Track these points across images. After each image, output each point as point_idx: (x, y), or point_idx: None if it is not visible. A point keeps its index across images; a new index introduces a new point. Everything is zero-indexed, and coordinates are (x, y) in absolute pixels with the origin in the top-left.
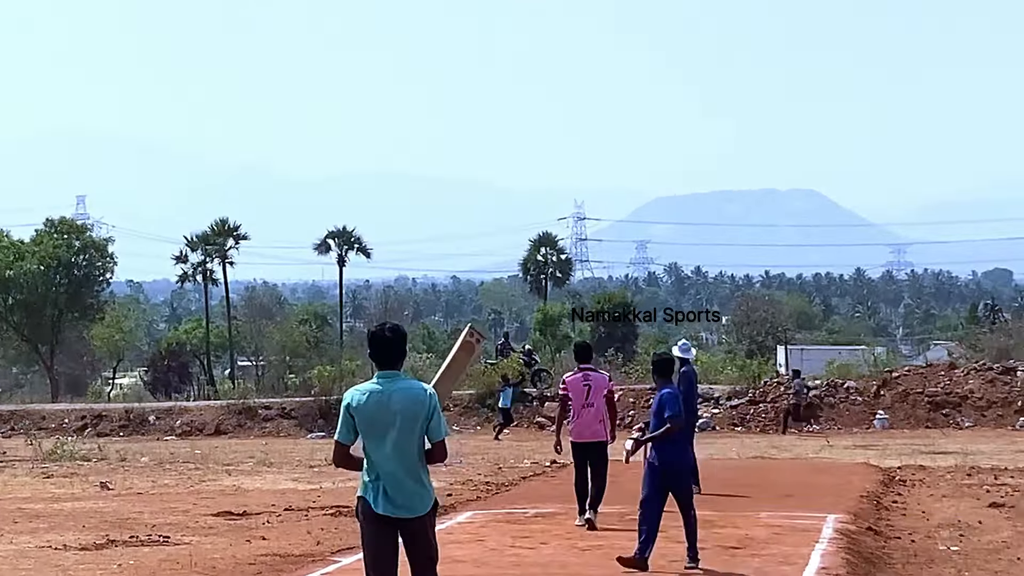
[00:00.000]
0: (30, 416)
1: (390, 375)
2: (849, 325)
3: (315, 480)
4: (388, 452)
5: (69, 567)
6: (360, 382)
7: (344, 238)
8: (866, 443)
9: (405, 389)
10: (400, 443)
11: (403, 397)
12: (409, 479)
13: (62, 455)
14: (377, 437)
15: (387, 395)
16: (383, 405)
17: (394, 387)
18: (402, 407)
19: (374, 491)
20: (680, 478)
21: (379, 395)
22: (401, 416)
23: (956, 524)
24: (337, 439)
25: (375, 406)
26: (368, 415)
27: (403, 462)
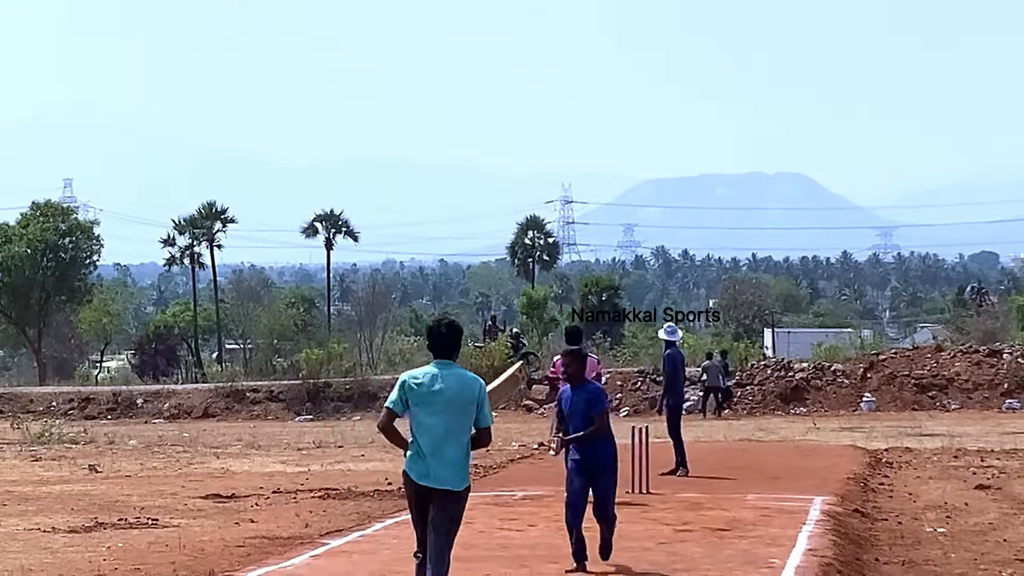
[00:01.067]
0: (17, 399)
1: (446, 363)
2: (836, 308)
3: (303, 463)
4: (436, 432)
5: (58, 550)
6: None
7: (332, 221)
8: (853, 425)
9: (458, 376)
10: (448, 425)
11: (456, 384)
12: (451, 459)
13: (50, 438)
14: (428, 417)
15: (441, 380)
16: (437, 389)
17: (448, 374)
18: (454, 393)
19: (417, 465)
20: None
21: (435, 378)
22: (452, 401)
23: (943, 506)
24: (388, 405)
25: (431, 387)
26: (422, 396)
27: (449, 443)
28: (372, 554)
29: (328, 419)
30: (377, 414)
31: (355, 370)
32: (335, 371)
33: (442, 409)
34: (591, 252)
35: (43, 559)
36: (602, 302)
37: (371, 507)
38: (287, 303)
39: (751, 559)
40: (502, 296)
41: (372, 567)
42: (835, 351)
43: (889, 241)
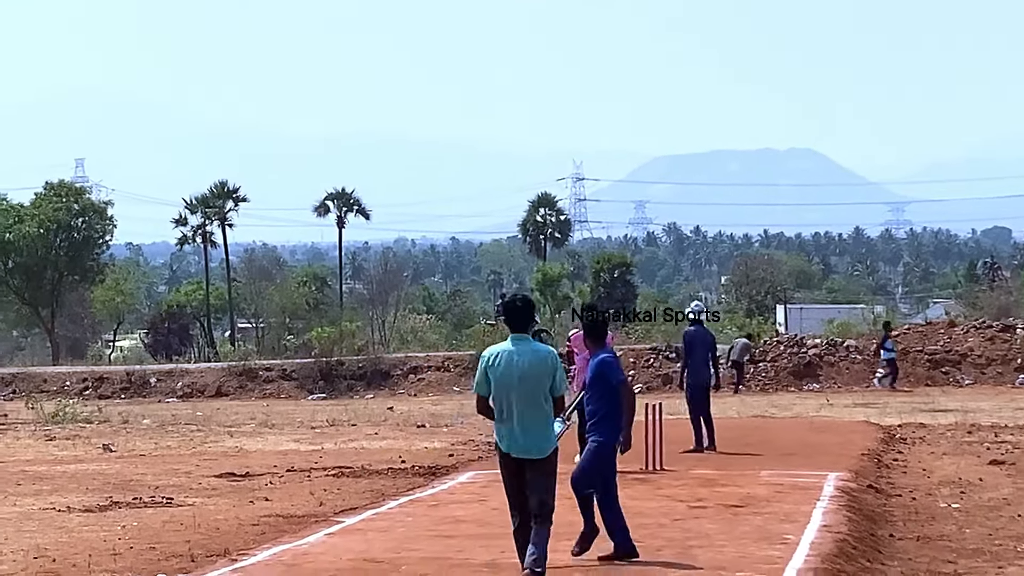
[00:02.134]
0: (31, 379)
1: (521, 338)
2: (848, 284)
3: (317, 441)
4: (519, 405)
5: (73, 528)
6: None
7: (343, 200)
8: (866, 401)
9: (534, 350)
10: (528, 395)
11: (531, 357)
12: (536, 428)
13: (64, 418)
14: (509, 389)
15: (518, 354)
16: (514, 363)
17: (524, 347)
18: (530, 365)
19: (506, 436)
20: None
21: (511, 354)
22: (529, 372)
23: (957, 481)
24: (477, 392)
25: (508, 363)
26: (502, 371)
27: (531, 413)
28: (386, 532)
29: (341, 397)
30: (390, 392)
31: (367, 348)
32: (347, 349)
33: (521, 383)
34: (603, 229)
35: (58, 538)
36: (614, 279)
37: (385, 485)
38: (299, 282)
39: (766, 535)
40: (514, 274)
41: (387, 545)
42: (848, 327)
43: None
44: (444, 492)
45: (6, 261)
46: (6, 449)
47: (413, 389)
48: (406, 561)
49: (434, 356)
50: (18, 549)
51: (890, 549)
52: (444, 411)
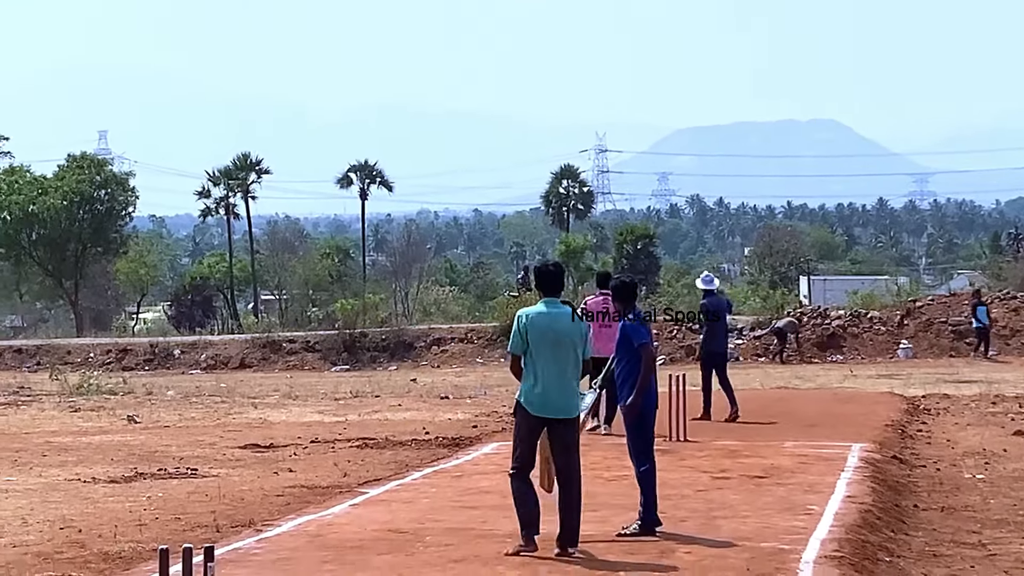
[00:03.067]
0: (56, 351)
1: (552, 301)
2: (872, 255)
3: (341, 413)
4: (549, 363)
5: (98, 499)
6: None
7: (366, 172)
8: (890, 372)
9: (566, 314)
10: (559, 356)
11: (565, 320)
12: (567, 389)
13: (88, 389)
14: (542, 350)
15: (552, 317)
16: (548, 325)
17: (557, 311)
18: (565, 327)
19: (532, 396)
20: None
21: (545, 316)
22: (562, 335)
23: (981, 452)
24: (512, 351)
25: (541, 325)
26: (536, 332)
27: (559, 372)
28: (411, 503)
29: (365, 369)
30: (413, 364)
31: (391, 320)
32: (371, 321)
33: (555, 344)
34: (626, 201)
35: (84, 509)
36: (637, 251)
37: (409, 456)
38: (322, 254)
39: (789, 506)
40: (536, 246)
41: (411, 515)
42: (871, 298)
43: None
44: (468, 463)
45: (30, 233)
46: (31, 420)
47: (436, 361)
48: (430, 532)
49: (457, 328)
50: (44, 520)
51: (914, 520)
52: (467, 383)
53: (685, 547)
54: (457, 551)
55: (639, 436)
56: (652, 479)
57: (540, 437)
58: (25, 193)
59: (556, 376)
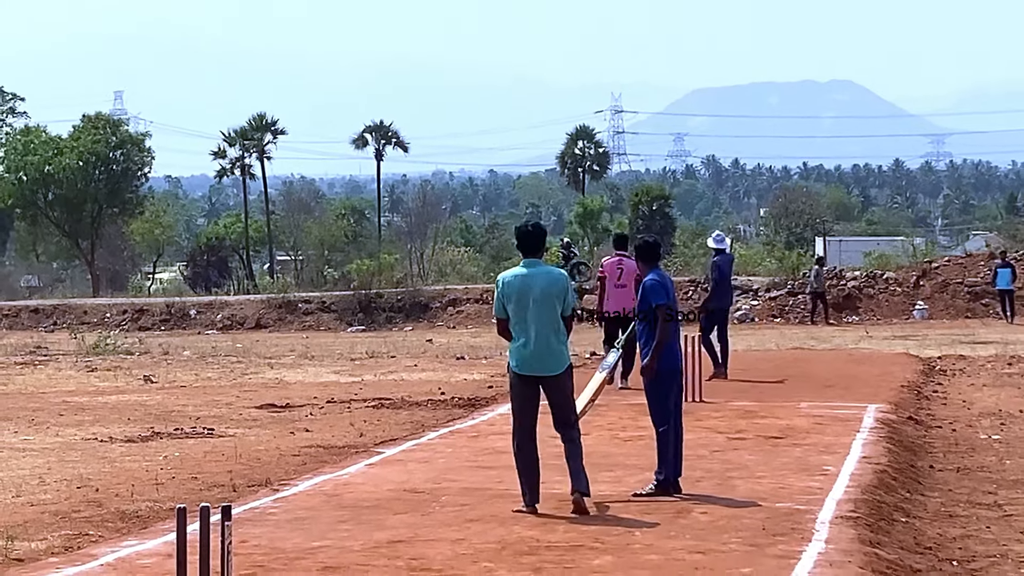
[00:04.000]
0: (72, 311)
1: (532, 262)
2: (888, 216)
3: (356, 373)
4: (532, 322)
5: (115, 459)
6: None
7: (381, 132)
8: (905, 333)
9: (545, 273)
10: (541, 315)
11: (543, 279)
12: (549, 344)
13: (105, 349)
14: (524, 310)
15: (531, 277)
16: (528, 285)
17: (536, 271)
18: (543, 286)
19: (521, 356)
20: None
21: (524, 277)
22: (542, 293)
23: (997, 413)
24: (496, 316)
25: (522, 285)
26: (516, 293)
27: (544, 330)
28: (427, 463)
29: (380, 330)
30: (429, 324)
31: (406, 281)
32: (386, 282)
33: (536, 304)
34: (641, 162)
35: (101, 468)
36: (653, 212)
37: (425, 416)
38: (338, 214)
39: (805, 466)
40: (552, 206)
41: (427, 475)
42: (887, 259)
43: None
44: (484, 423)
45: (46, 193)
46: (48, 380)
47: (452, 321)
48: (446, 492)
49: (472, 288)
50: (61, 479)
51: (930, 480)
52: (483, 343)
53: (701, 507)
54: (473, 511)
55: (656, 397)
56: (668, 441)
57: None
58: (41, 153)
59: (541, 335)
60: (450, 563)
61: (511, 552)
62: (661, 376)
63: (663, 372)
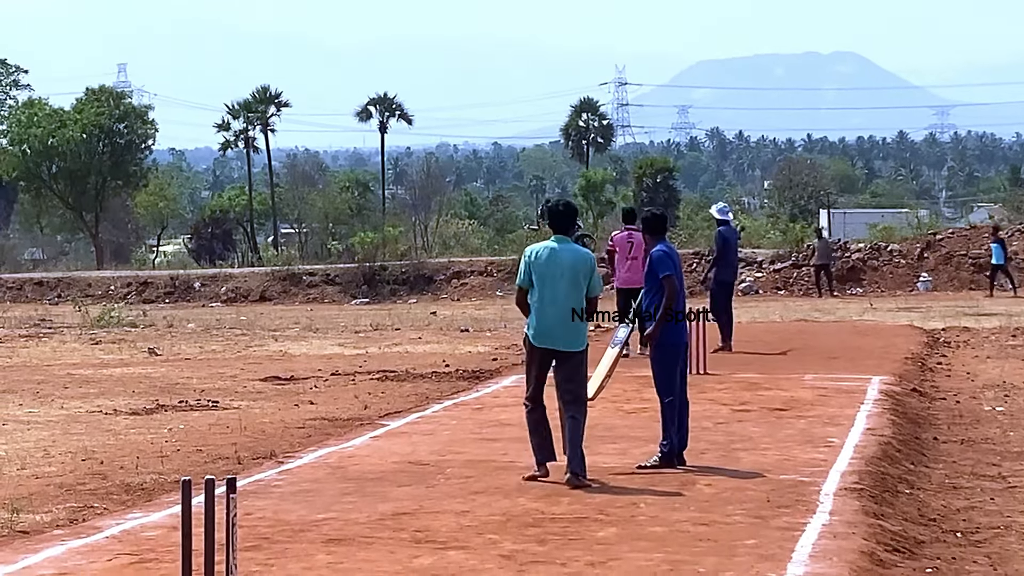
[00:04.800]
0: (76, 283)
1: (563, 239)
2: (892, 188)
3: (361, 345)
4: (556, 298)
5: (120, 431)
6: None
7: (385, 105)
8: (909, 305)
9: (574, 251)
10: (566, 292)
11: (571, 256)
12: (569, 321)
13: (109, 322)
14: (548, 285)
15: (559, 253)
16: (555, 261)
17: (565, 248)
18: (570, 264)
19: (539, 329)
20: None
21: (553, 252)
22: (569, 270)
23: (1001, 385)
24: (519, 284)
25: (549, 261)
26: (543, 267)
27: (566, 306)
28: (431, 435)
29: (384, 302)
30: (433, 297)
31: (410, 253)
32: (390, 255)
33: (561, 279)
34: (645, 134)
35: (105, 440)
36: (657, 184)
37: (429, 389)
38: (342, 187)
39: (809, 438)
40: (556, 179)
41: (432, 447)
42: (891, 231)
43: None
44: (488, 396)
45: (50, 166)
46: (52, 353)
47: (456, 294)
48: (451, 464)
49: (477, 261)
50: (66, 451)
51: (934, 452)
52: (487, 316)
53: (705, 479)
54: (478, 483)
55: (662, 369)
56: (672, 413)
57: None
58: (44, 126)
59: (561, 310)
60: (455, 535)
61: (516, 524)
62: (666, 348)
63: (668, 344)
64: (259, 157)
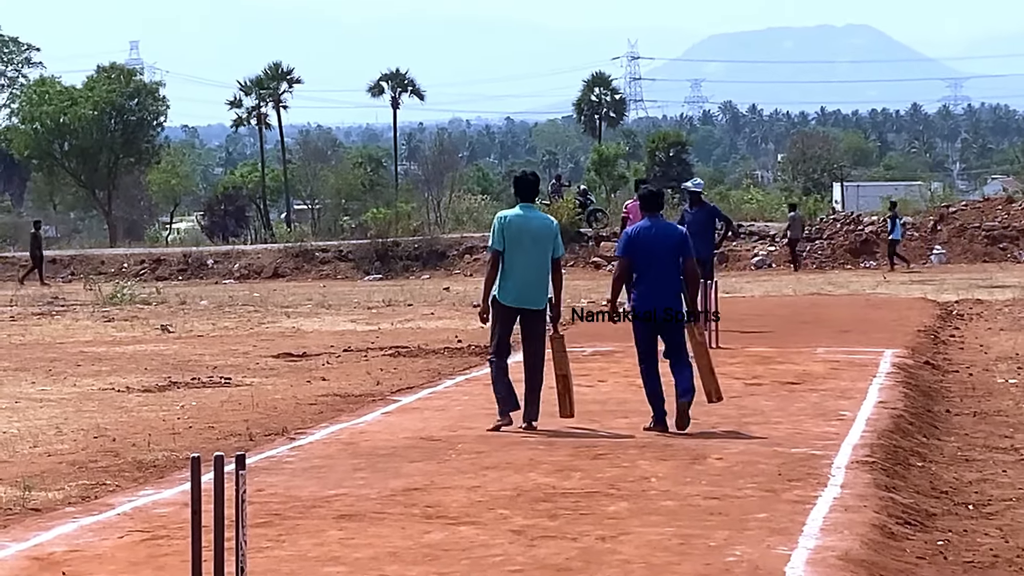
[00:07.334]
0: (89, 261)
1: (528, 206)
2: (905, 161)
3: (373, 321)
4: (524, 261)
5: (132, 408)
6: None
7: (398, 80)
8: (923, 278)
9: (540, 218)
10: (533, 255)
11: (539, 223)
12: (536, 281)
13: (122, 299)
14: (517, 249)
15: (526, 219)
16: (523, 226)
17: (531, 215)
18: (537, 229)
19: (507, 290)
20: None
21: (521, 218)
22: (536, 235)
23: (1014, 357)
24: (492, 247)
25: (518, 226)
26: (513, 232)
27: (533, 268)
28: (443, 410)
29: (397, 278)
30: (446, 272)
31: (423, 229)
32: (403, 230)
33: (530, 243)
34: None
35: (118, 418)
36: (670, 158)
37: (441, 364)
38: (354, 163)
39: (822, 411)
40: (569, 154)
41: (444, 423)
42: (905, 204)
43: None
44: None
45: (62, 144)
46: (65, 330)
47: (468, 269)
48: (462, 439)
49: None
50: (78, 428)
51: (947, 425)
52: None
53: (717, 453)
54: (489, 458)
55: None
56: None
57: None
58: (55, 103)
59: (529, 272)
60: (466, 510)
61: (527, 499)
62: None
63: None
64: (272, 134)
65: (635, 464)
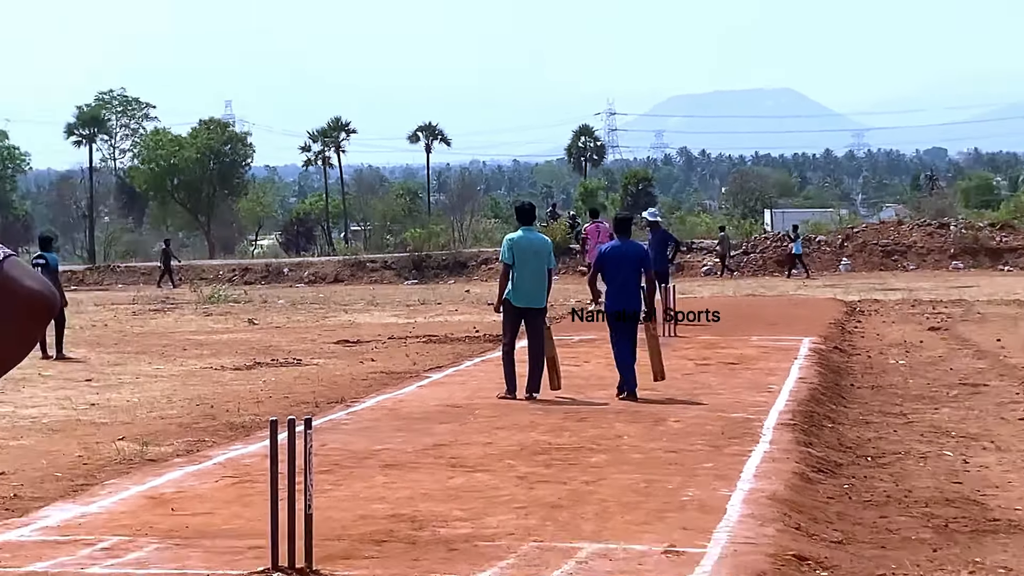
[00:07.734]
0: (193, 270)
1: (529, 228)
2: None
3: (411, 316)
4: (528, 271)
5: (226, 382)
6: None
7: (430, 131)
8: (833, 283)
9: (538, 237)
10: (536, 265)
11: (538, 240)
12: (537, 287)
13: (218, 299)
14: (523, 262)
15: (529, 239)
16: (527, 243)
17: (532, 235)
18: (537, 246)
19: (517, 292)
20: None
21: (525, 239)
22: (536, 251)
23: (903, 343)
24: (504, 261)
25: (525, 244)
26: (520, 249)
27: (535, 277)
28: (464, 384)
29: (429, 283)
30: (467, 278)
31: (450, 245)
32: (434, 246)
33: (532, 256)
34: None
35: (215, 390)
36: (639, 191)
37: (463, 349)
38: (397, 195)
39: (755, 385)
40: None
41: (464, 393)
42: (819, 226)
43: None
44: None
45: (172, 180)
46: (174, 323)
47: (485, 276)
48: (479, 406)
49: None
50: (184, 398)
51: (851, 395)
52: None
53: (674, 417)
54: (499, 420)
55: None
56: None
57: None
58: (167, 149)
59: (533, 279)
60: (481, 461)
61: (528, 452)
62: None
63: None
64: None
65: (611, 426)
